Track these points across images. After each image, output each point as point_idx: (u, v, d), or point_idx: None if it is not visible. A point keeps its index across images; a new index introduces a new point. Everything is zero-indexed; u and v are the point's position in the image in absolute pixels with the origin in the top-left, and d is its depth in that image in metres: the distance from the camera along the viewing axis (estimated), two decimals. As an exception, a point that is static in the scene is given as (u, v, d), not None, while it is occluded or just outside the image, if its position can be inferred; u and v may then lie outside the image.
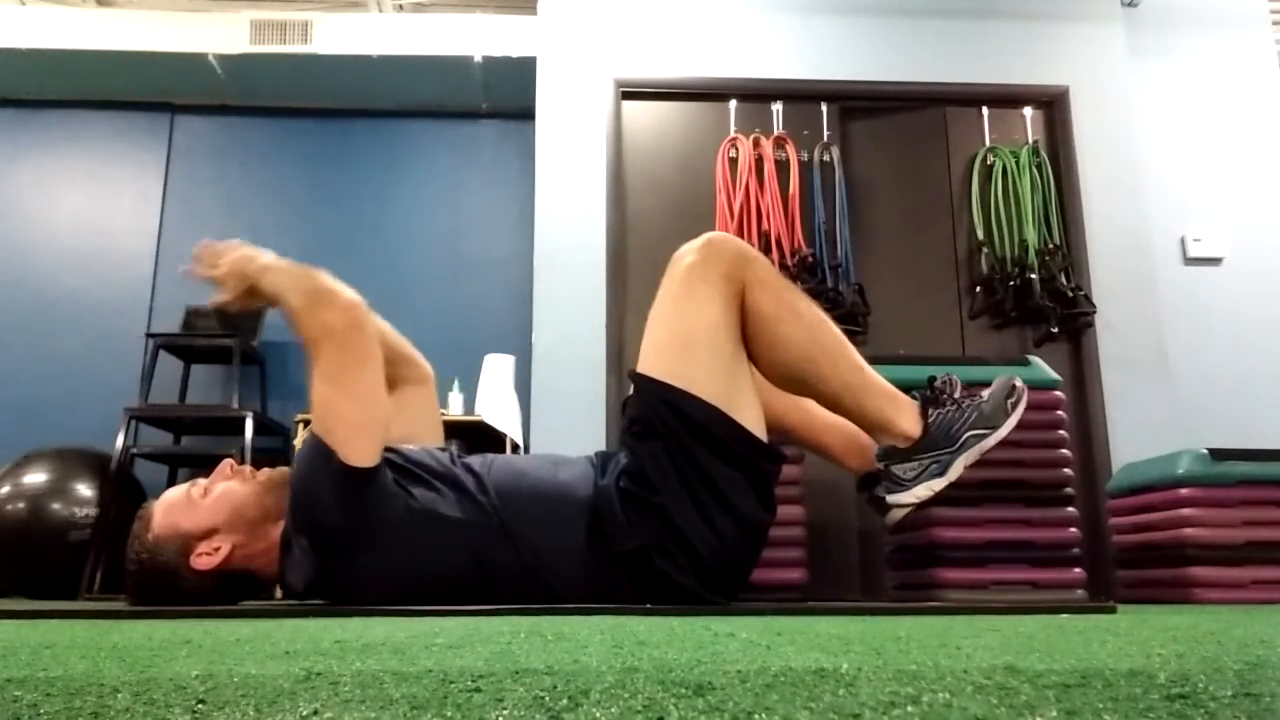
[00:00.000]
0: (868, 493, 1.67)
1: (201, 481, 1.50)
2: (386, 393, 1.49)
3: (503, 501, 1.44)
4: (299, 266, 1.50)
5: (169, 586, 1.42)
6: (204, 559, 1.42)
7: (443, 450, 1.58)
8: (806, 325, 1.46)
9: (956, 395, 1.54)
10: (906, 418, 1.50)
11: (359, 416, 1.40)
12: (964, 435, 1.50)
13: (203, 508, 1.45)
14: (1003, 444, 2.24)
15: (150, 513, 1.47)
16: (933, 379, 1.56)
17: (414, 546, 1.40)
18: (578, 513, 1.44)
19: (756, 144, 3.67)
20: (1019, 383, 1.57)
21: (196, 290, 4.41)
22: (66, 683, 0.47)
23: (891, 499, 1.53)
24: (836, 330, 1.50)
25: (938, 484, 1.50)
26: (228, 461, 1.52)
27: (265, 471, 1.52)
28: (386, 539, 1.39)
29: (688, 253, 1.48)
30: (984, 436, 1.51)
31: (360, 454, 1.38)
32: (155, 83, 4.55)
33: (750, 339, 1.47)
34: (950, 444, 1.49)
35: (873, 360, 1.60)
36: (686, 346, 1.45)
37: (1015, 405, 1.55)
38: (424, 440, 1.67)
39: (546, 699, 0.44)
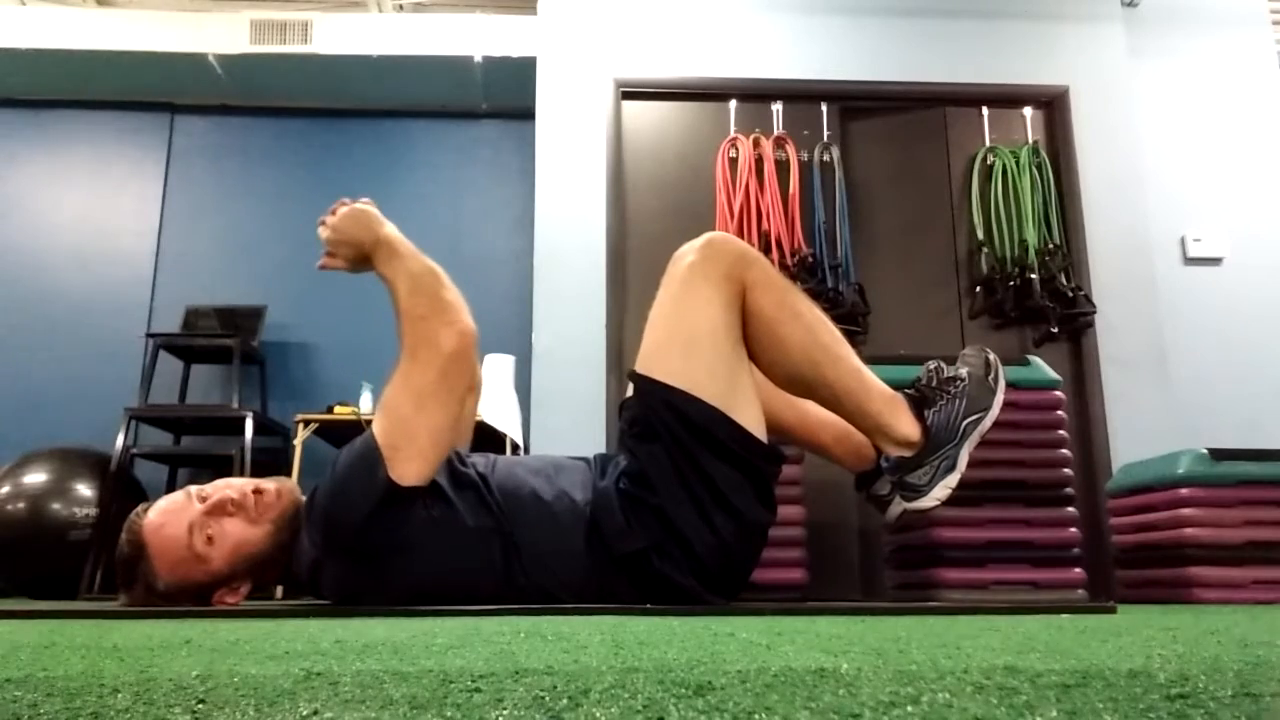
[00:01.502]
0: (865, 490, 1.67)
1: (194, 516, 1.38)
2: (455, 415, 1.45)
3: (507, 505, 1.44)
4: (420, 258, 1.49)
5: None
6: (228, 598, 1.42)
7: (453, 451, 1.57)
8: (807, 326, 1.46)
9: (944, 378, 1.53)
10: (905, 422, 1.49)
11: (427, 444, 1.38)
12: (962, 424, 1.50)
13: (216, 559, 1.38)
14: (1003, 444, 2.26)
15: (150, 555, 1.37)
16: (918, 380, 1.56)
17: (427, 555, 1.40)
18: (577, 516, 1.44)
19: (756, 144, 3.67)
20: (991, 356, 1.57)
21: (196, 290, 4.44)
22: (66, 683, 0.47)
23: (913, 506, 1.53)
24: (836, 332, 1.50)
25: (952, 479, 1.50)
26: (225, 498, 1.40)
27: (268, 502, 1.43)
28: (401, 551, 1.39)
29: (688, 252, 1.48)
30: (980, 419, 1.51)
31: (413, 476, 1.37)
32: (155, 83, 4.55)
33: (752, 340, 1.47)
34: (952, 437, 1.50)
35: (873, 360, 1.60)
36: (687, 346, 1.45)
37: (996, 380, 1.54)
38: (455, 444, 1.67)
39: (546, 699, 0.44)
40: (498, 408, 3.64)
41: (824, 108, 3.77)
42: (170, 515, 1.40)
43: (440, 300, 1.44)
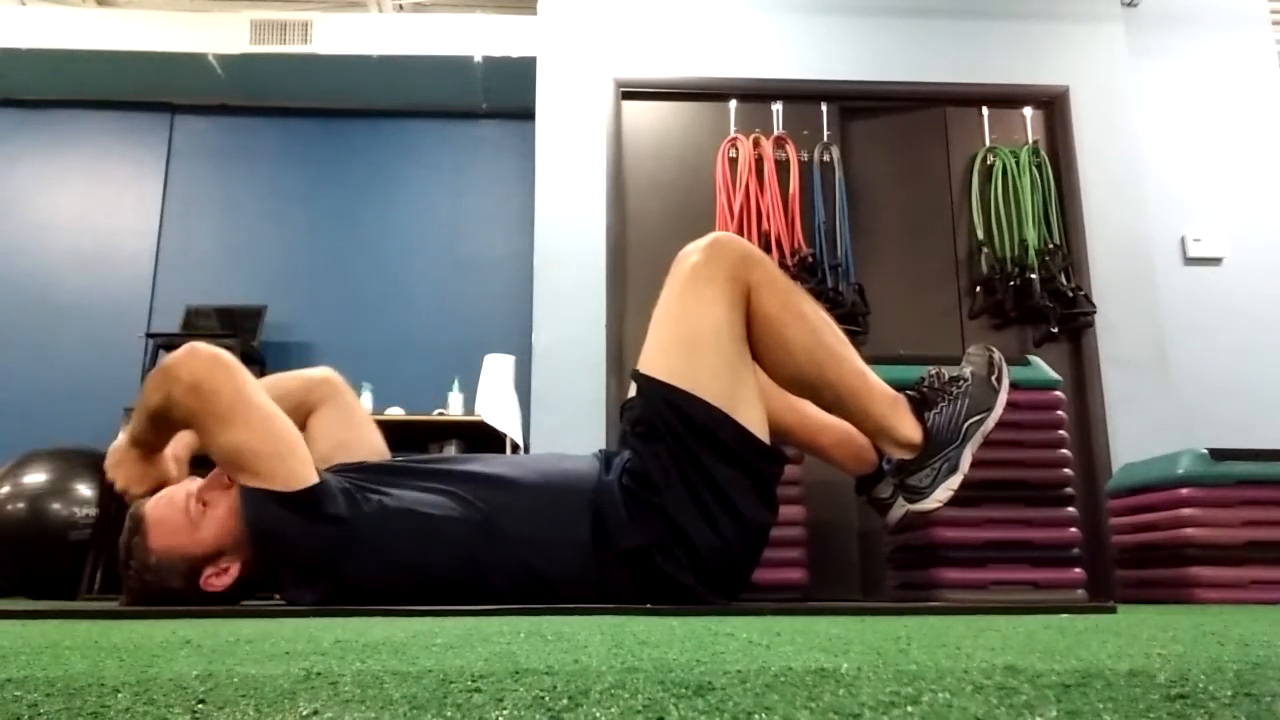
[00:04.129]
0: (867, 494, 1.67)
1: (194, 486, 1.43)
2: (279, 409, 1.42)
3: (497, 497, 1.44)
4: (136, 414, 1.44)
5: (174, 601, 1.40)
6: (215, 580, 1.40)
7: (420, 458, 1.58)
8: (811, 328, 1.45)
9: (944, 384, 1.52)
10: (907, 423, 1.48)
11: (270, 445, 1.36)
12: (964, 426, 1.49)
13: (205, 529, 1.39)
14: (1003, 444, 2.26)
15: (145, 528, 1.41)
16: (920, 381, 1.55)
17: (397, 545, 1.39)
18: (581, 507, 1.44)
19: (756, 144, 3.67)
20: (995, 354, 1.56)
21: (196, 290, 4.44)
22: (66, 683, 0.47)
23: (915, 508, 1.52)
24: (840, 333, 1.49)
25: (954, 481, 1.49)
26: (223, 471, 1.44)
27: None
28: (369, 542, 1.38)
29: (693, 252, 1.47)
30: (983, 420, 1.50)
31: (295, 476, 1.35)
32: (155, 83, 4.55)
33: (756, 341, 1.46)
34: (954, 438, 1.49)
35: (873, 360, 1.60)
36: (690, 347, 1.45)
37: (1000, 380, 1.53)
38: (357, 450, 1.63)
39: (546, 699, 0.44)
40: (498, 408, 3.64)
41: (824, 108, 3.77)
42: (170, 491, 1.45)
43: (150, 380, 1.39)
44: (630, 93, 3.79)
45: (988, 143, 3.79)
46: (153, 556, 1.39)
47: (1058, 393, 2.43)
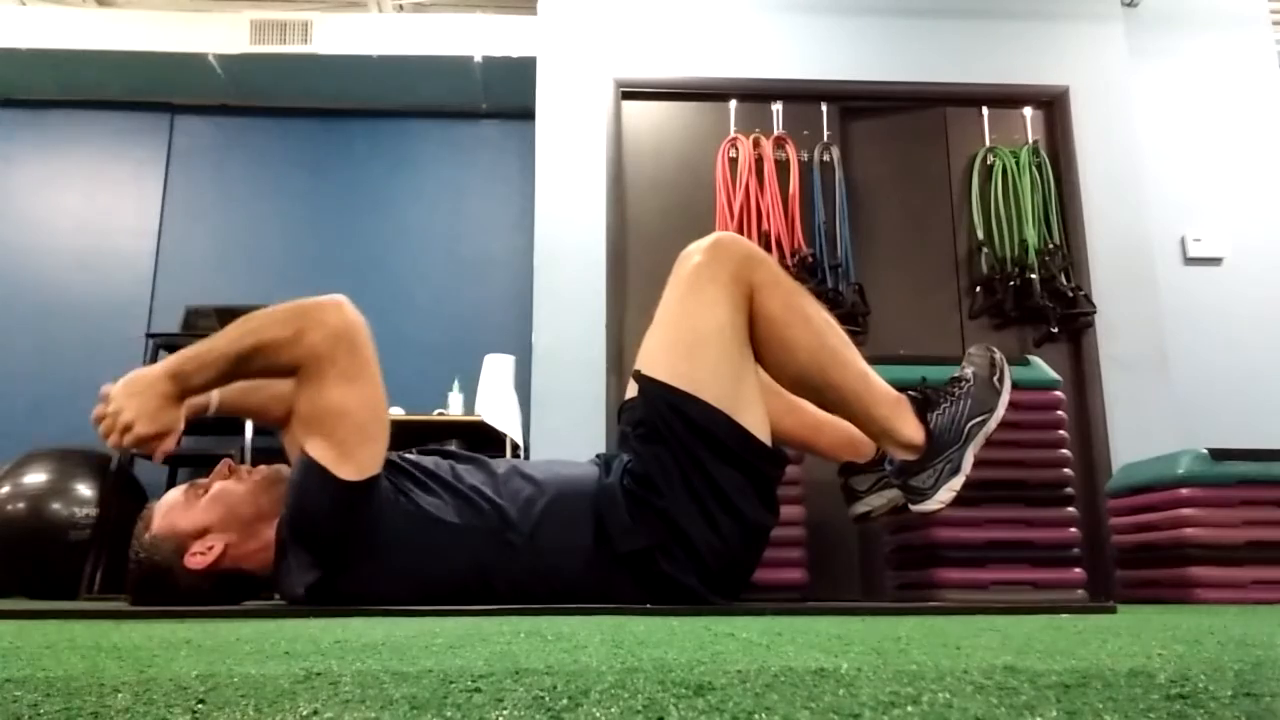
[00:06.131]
0: (845, 479, 1.68)
1: (201, 481, 1.49)
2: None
3: (506, 503, 1.44)
4: (221, 333, 1.36)
5: (166, 585, 1.42)
6: (197, 558, 1.41)
7: (438, 452, 1.58)
8: (816, 330, 1.45)
9: (946, 385, 1.53)
10: (910, 425, 1.48)
11: (370, 422, 1.37)
12: (966, 427, 1.49)
13: (198, 507, 1.45)
14: (1003, 444, 2.26)
15: (151, 512, 1.47)
16: (922, 382, 1.55)
17: (414, 551, 1.39)
18: (583, 511, 1.44)
19: (756, 144, 3.67)
20: (997, 355, 1.55)
21: (196, 290, 4.43)
22: (66, 683, 0.47)
23: (918, 509, 1.52)
24: (844, 335, 1.48)
25: (957, 482, 1.49)
26: (226, 461, 1.51)
27: (261, 469, 1.51)
28: (388, 546, 1.39)
29: (695, 252, 1.47)
30: (985, 422, 1.50)
31: (364, 465, 1.36)
32: (155, 83, 4.55)
33: (759, 342, 1.46)
34: (956, 439, 1.49)
35: (873, 360, 1.60)
36: (693, 348, 1.44)
37: (1001, 380, 1.53)
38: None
39: (546, 699, 0.44)
40: (498, 408, 3.64)
41: (824, 108, 3.77)
42: (177, 489, 1.51)
43: (281, 311, 1.34)
44: (630, 93, 3.79)
45: (988, 143, 3.78)
46: (149, 535, 1.44)
47: (1058, 393, 2.43)
